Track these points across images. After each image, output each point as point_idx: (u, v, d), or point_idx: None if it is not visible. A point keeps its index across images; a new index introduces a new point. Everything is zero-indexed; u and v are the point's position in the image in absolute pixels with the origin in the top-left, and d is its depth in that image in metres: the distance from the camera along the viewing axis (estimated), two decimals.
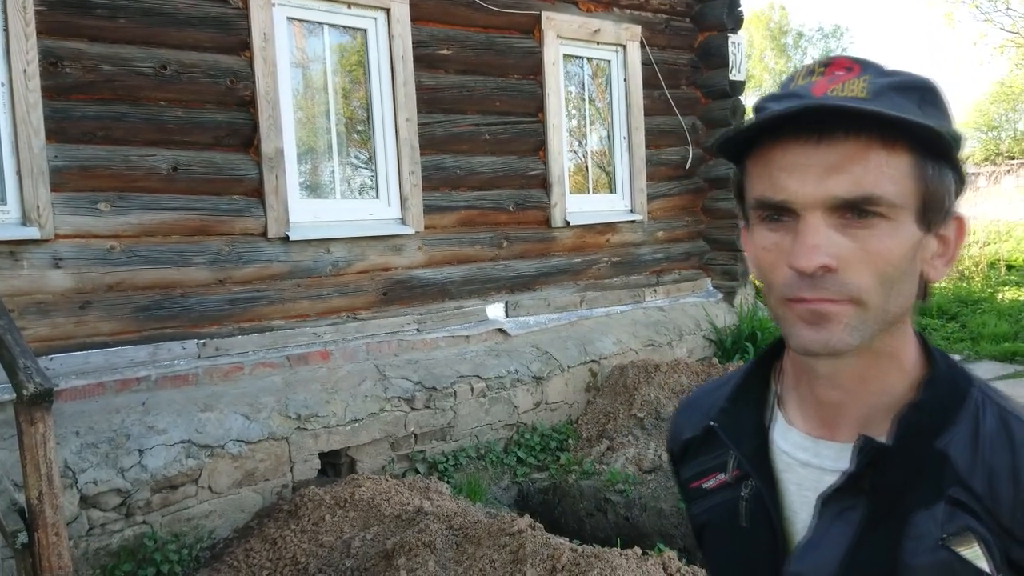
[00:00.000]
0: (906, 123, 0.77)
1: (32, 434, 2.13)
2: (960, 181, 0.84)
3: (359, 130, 5.51)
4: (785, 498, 0.92)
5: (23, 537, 2.21)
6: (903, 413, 0.85)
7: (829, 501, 0.86)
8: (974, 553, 0.79)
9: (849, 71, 0.82)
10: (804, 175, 0.80)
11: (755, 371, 1.00)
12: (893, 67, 0.84)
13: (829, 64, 0.83)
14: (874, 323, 0.82)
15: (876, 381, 0.87)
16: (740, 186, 0.90)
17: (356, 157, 5.52)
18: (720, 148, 0.87)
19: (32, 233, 4.08)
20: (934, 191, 0.81)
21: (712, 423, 1.00)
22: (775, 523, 0.91)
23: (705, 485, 1.02)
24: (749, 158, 0.86)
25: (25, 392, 2.13)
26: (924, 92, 0.82)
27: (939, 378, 0.87)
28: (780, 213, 0.83)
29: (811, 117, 0.78)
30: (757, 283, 9.89)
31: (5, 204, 4.09)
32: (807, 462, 0.91)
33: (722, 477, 0.99)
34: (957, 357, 7.65)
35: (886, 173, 0.79)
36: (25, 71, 4.06)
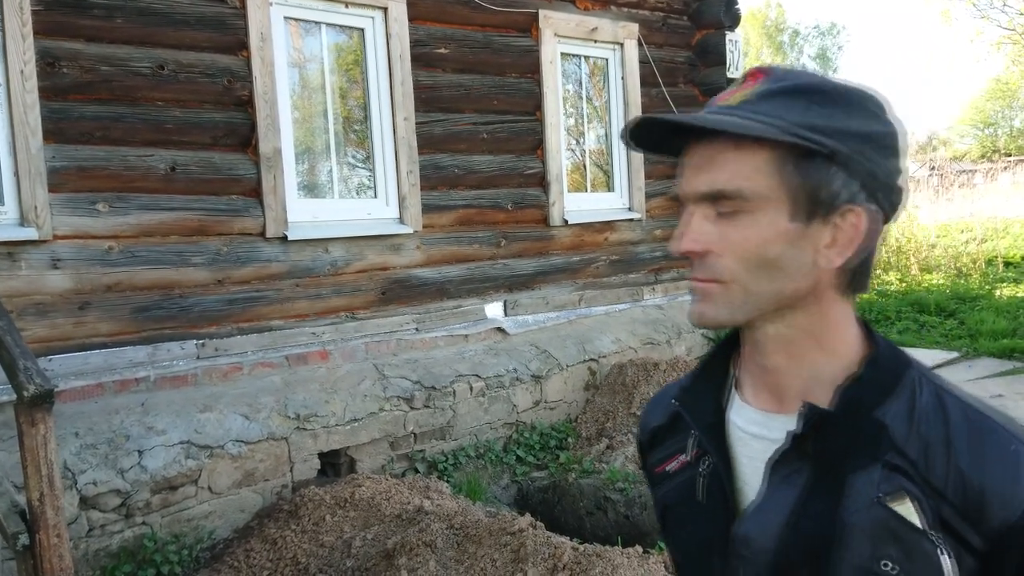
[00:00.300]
0: (722, 128, 0.88)
1: (33, 435, 2.12)
2: (856, 175, 0.89)
3: (357, 129, 5.50)
4: (739, 470, 0.98)
5: (24, 539, 2.20)
6: (845, 385, 0.92)
7: (777, 466, 0.93)
8: (907, 509, 0.86)
9: (753, 80, 0.92)
10: (684, 174, 0.94)
11: (715, 356, 1.07)
12: (798, 72, 0.92)
13: (748, 75, 0.93)
14: (743, 302, 0.92)
15: (805, 361, 0.95)
16: None
17: (354, 156, 5.52)
18: (652, 148, 1.00)
19: (30, 234, 4.07)
20: (802, 185, 0.88)
21: (673, 400, 1.08)
22: (727, 494, 0.97)
23: (668, 468, 1.08)
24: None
25: (26, 393, 2.12)
26: (813, 95, 0.89)
27: (880, 357, 0.94)
28: (683, 205, 0.96)
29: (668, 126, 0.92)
30: None
31: (3, 205, 4.08)
32: (758, 434, 0.97)
33: (683, 458, 1.05)
34: (955, 354, 7.66)
35: (738, 171, 0.88)
36: (22, 71, 4.05)
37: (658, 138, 0.96)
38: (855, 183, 0.89)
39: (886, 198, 0.91)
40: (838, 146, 0.87)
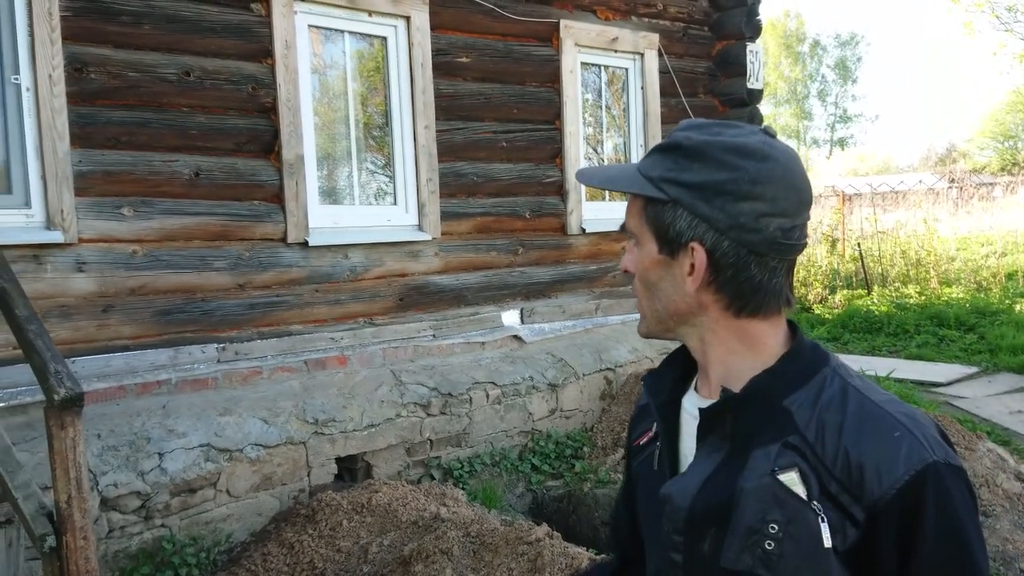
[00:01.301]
0: (601, 184, 1.19)
1: (62, 438, 2.16)
2: (706, 218, 1.06)
3: (377, 136, 5.54)
4: (683, 444, 1.17)
5: (51, 541, 2.23)
6: (758, 376, 1.08)
7: (703, 442, 1.10)
8: (791, 480, 1.00)
9: (655, 149, 1.13)
10: None
11: (683, 349, 1.22)
12: (692, 129, 1.10)
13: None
14: (651, 317, 1.15)
15: (715, 358, 1.13)
16: None
17: (373, 163, 5.56)
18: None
19: (56, 237, 4.12)
20: (655, 226, 1.10)
21: (641, 380, 1.28)
22: (664, 464, 1.17)
23: (641, 442, 1.26)
24: None
25: (56, 397, 2.15)
26: (677, 151, 1.08)
27: (796, 355, 1.09)
28: None
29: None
30: None
31: (30, 208, 4.14)
32: (694, 414, 1.13)
33: (651, 432, 1.23)
34: (975, 369, 7.61)
35: (632, 211, 1.13)
36: (50, 76, 4.11)
37: None
38: (702, 224, 1.06)
39: (739, 235, 1.05)
40: (679, 194, 1.07)
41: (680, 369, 1.21)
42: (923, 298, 10.63)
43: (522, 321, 6.01)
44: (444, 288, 5.61)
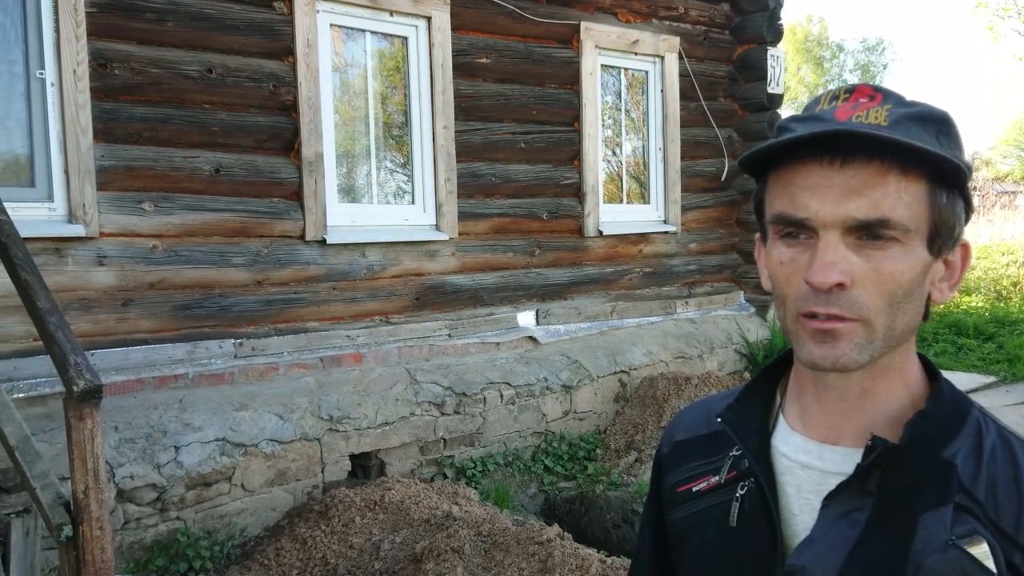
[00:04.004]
0: (926, 153, 0.82)
1: (80, 429, 2.18)
2: (968, 209, 0.89)
3: (395, 135, 5.56)
4: (783, 500, 0.94)
5: (68, 530, 2.26)
6: (914, 420, 0.89)
7: (833, 500, 0.89)
8: (983, 553, 0.82)
9: (871, 99, 0.86)
10: (824, 195, 0.84)
11: (762, 379, 1.04)
12: (912, 98, 0.88)
13: (852, 91, 0.88)
14: (880, 342, 0.86)
15: (882, 394, 0.91)
16: (760, 201, 0.94)
17: (392, 162, 5.58)
18: (744, 163, 0.92)
19: (78, 231, 4.17)
20: (945, 218, 0.86)
21: (719, 419, 1.02)
22: (774, 521, 0.92)
23: (695, 488, 1.03)
24: (770, 175, 0.91)
25: (75, 388, 2.18)
26: (941, 124, 0.87)
27: (943, 393, 0.92)
28: (799, 230, 0.87)
29: (835, 141, 0.83)
30: None
31: (52, 202, 4.19)
32: (809, 464, 0.94)
33: (714, 480, 1.01)
34: (993, 378, 7.54)
35: (901, 199, 0.83)
36: (75, 72, 4.16)
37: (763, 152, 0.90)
38: (964, 216, 0.89)
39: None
40: (966, 177, 0.87)
41: (764, 405, 1.02)
42: (942, 307, 10.56)
43: (537, 322, 6.02)
44: (460, 288, 5.62)
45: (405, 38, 5.41)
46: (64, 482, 2.86)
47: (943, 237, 0.87)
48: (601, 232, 6.36)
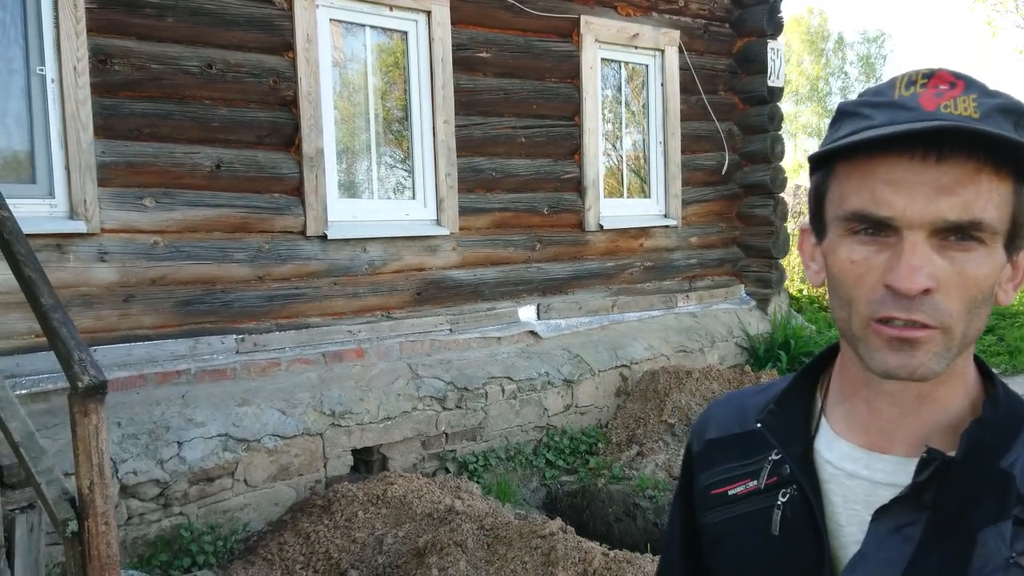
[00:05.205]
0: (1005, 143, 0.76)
1: (85, 425, 2.19)
2: None
3: (396, 130, 5.56)
4: (829, 510, 0.89)
5: (73, 526, 2.27)
6: (971, 430, 0.84)
7: (886, 514, 0.84)
8: None
9: (952, 87, 0.80)
10: (913, 193, 0.78)
11: (802, 380, 0.99)
12: (992, 87, 0.83)
13: (931, 76, 0.82)
14: (956, 349, 0.81)
15: (940, 400, 0.86)
16: (822, 193, 0.87)
17: (392, 157, 5.58)
18: (818, 157, 0.85)
19: (79, 227, 4.17)
20: (1021, 217, 0.81)
21: (758, 423, 0.97)
22: (821, 532, 0.87)
23: (731, 491, 0.98)
24: (841, 166, 0.84)
25: (80, 384, 2.19)
26: (1021, 116, 0.81)
27: (1001, 398, 0.87)
28: (878, 228, 0.80)
29: (932, 134, 0.77)
30: (794, 292, 9.80)
31: (53, 198, 4.19)
32: (855, 473, 0.89)
33: (753, 484, 0.95)
34: (994, 371, 7.56)
35: (992, 199, 0.78)
36: (75, 68, 4.16)
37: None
38: None
39: None
40: None
41: (805, 408, 0.96)
42: None
43: (538, 317, 6.02)
44: (461, 283, 5.62)
45: (405, 33, 5.41)
46: (68, 478, 2.87)
47: (1020, 238, 0.82)
48: (602, 226, 6.36)
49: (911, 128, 0.76)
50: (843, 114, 0.85)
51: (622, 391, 6.07)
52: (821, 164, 0.87)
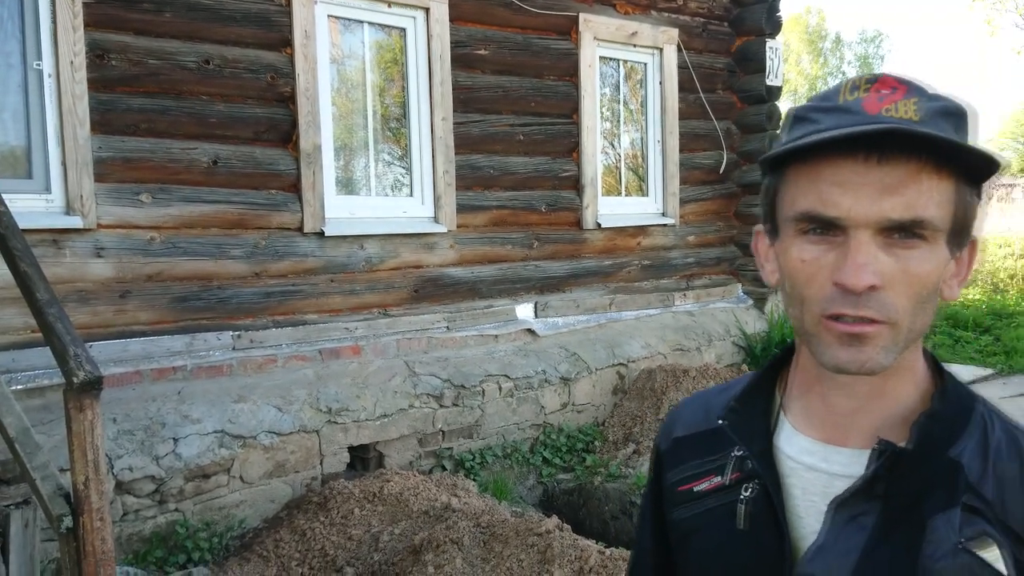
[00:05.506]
0: (973, 152, 0.80)
1: (80, 421, 2.18)
2: (978, 205, 0.88)
3: (394, 127, 5.55)
4: (789, 502, 0.93)
5: (68, 521, 2.26)
6: (920, 421, 0.87)
7: (843, 505, 0.88)
8: (993, 556, 0.82)
9: (894, 91, 0.83)
10: (858, 193, 0.81)
11: (762, 378, 1.02)
12: (935, 90, 0.85)
13: (875, 81, 0.84)
14: (903, 343, 0.84)
15: (891, 393, 0.90)
16: (774, 195, 0.90)
17: (390, 154, 5.57)
18: (770, 158, 0.87)
19: (75, 222, 4.16)
20: (968, 216, 0.84)
21: (720, 421, 1.00)
22: (782, 525, 0.91)
23: (697, 488, 1.01)
24: (791, 168, 0.86)
25: (75, 380, 2.18)
26: (960, 119, 0.84)
27: (949, 391, 0.91)
28: (826, 228, 0.83)
29: (874, 137, 0.79)
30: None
31: (50, 193, 4.17)
32: (814, 466, 0.92)
33: (718, 480, 0.99)
34: (990, 371, 7.56)
35: (934, 198, 0.81)
36: (72, 63, 4.14)
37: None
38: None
39: None
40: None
41: (765, 405, 0.99)
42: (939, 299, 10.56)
43: (536, 315, 6.02)
44: (459, 280, 5.62)
45: (403, 29, 5.40)
46: (64, 474, 2.86)
47: (963, 235, 0.86)
48: (599, 225, 6.36)
49: (851, 131, 0.79)
50: (794, 118, 0.88)
51: (619, 389, 6.07)
52: (773, 168, 0.89)
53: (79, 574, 2.29)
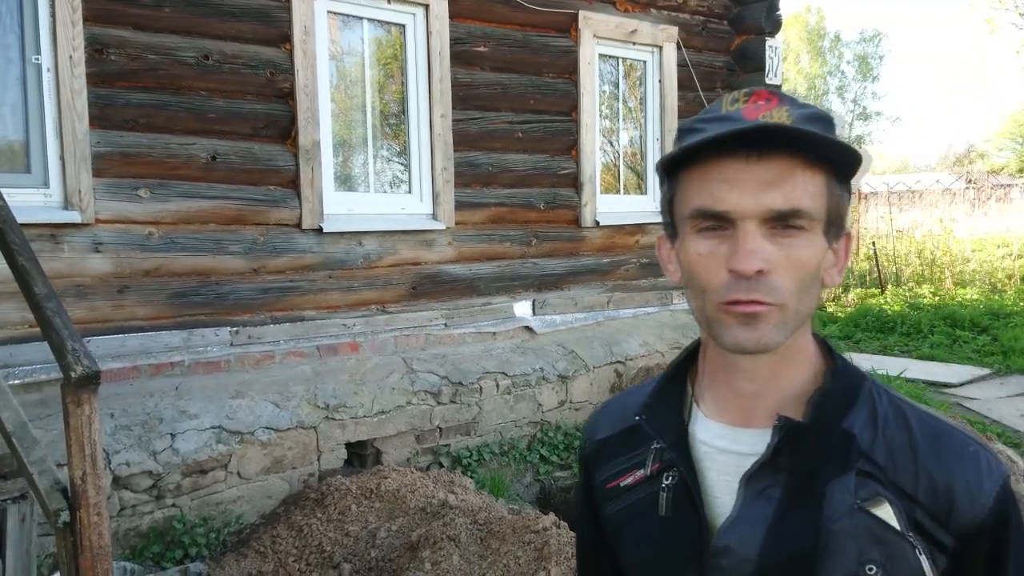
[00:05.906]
0: (838, 146, 0.90)
1: (78, 415, 2.18)
2: (849, 201, 0.98)
3: (393, 124, 5.55)
4: (706, 484, 1.00)
5: (65, 516, 2.26)
6: (815, 398, 0.97)
7: (752, 480, 0.96)
8: (887, 513, 0.91)
9: (768, 102, 0.94)
10: (743, 188, 0.90)
11: (673, 373, 1.10)
12: (804, 100, 0.96)
13: (751, 95, 0.95)
14: (792, 323, 0.93)
15: (788, 375, 0.99)
16: (671, 199, 1.00)
17: (389, 151, 5.57)
18: (666, 163, 0.97)
19: (73, 217, 4.15)
20: (840, 208, 0.95)
21: (637, 417, 1.08)
22: (699, 506, 0.98)
23: (623, 483, 1.08)
24: (683, 173, 0.96)
25: (73, 374, 2.18)
26: (827, 123, 0.93)
27: (840, 370, 1.00)
28: (718, 222, 0.92)
29: (751, 137, 0.89)
30: None
31: (48, 188, 4.17)
32: (726, 449, 1.00)
33: (640, 473, 1.06)
34: (988, 371, 7.57)
35: (808, 190, 0.91)
36: (71, 57, 4.14)
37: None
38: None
39: None
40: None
41: (678, 398, 1.07)
42: (937, 299, 10.58)
43: (534, 312, 6.02)
44: (457, 278, 5.62)
45: (403, 26, 5.39)
46: (61, 468, 2.86)
47: (837, 226, 0.95)
48: (598, 222, 6.36)
49: (733, 130, 0.89)
50: (683, 131, 0.98)
51: (617, 387, 6.07)
52: (669, 175, 0.99)
53: (76, 569, 2.29)
